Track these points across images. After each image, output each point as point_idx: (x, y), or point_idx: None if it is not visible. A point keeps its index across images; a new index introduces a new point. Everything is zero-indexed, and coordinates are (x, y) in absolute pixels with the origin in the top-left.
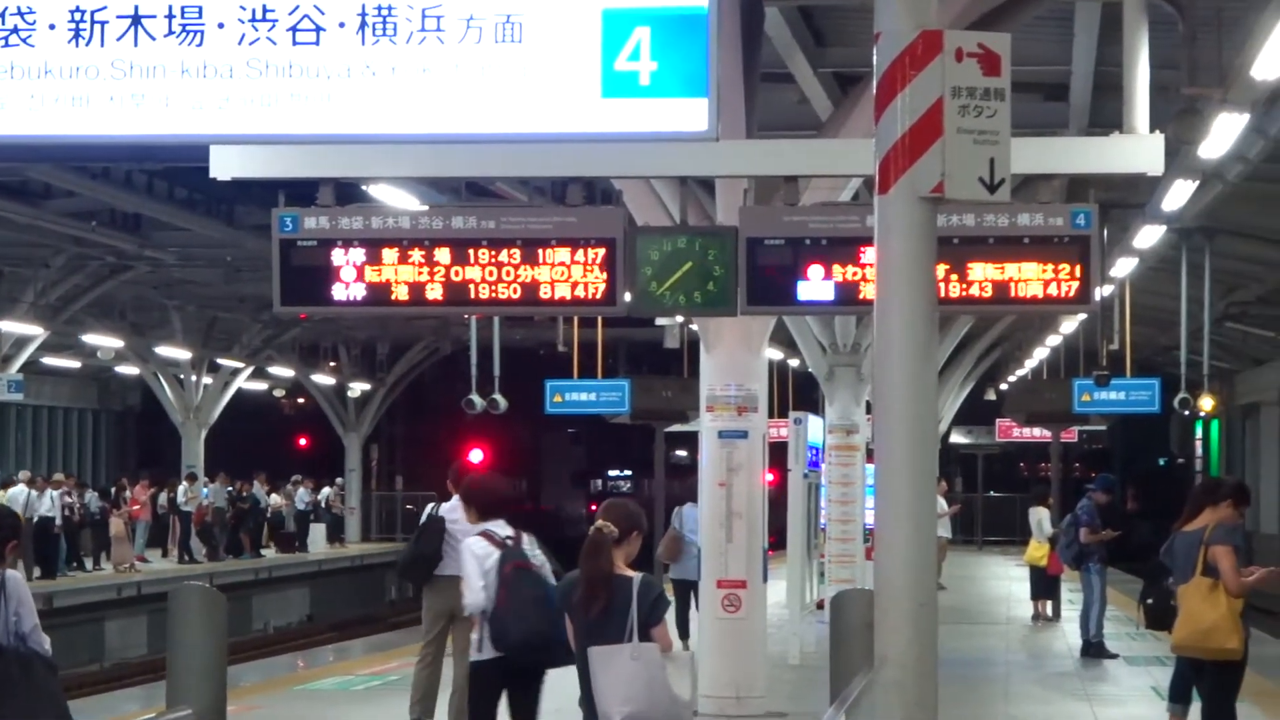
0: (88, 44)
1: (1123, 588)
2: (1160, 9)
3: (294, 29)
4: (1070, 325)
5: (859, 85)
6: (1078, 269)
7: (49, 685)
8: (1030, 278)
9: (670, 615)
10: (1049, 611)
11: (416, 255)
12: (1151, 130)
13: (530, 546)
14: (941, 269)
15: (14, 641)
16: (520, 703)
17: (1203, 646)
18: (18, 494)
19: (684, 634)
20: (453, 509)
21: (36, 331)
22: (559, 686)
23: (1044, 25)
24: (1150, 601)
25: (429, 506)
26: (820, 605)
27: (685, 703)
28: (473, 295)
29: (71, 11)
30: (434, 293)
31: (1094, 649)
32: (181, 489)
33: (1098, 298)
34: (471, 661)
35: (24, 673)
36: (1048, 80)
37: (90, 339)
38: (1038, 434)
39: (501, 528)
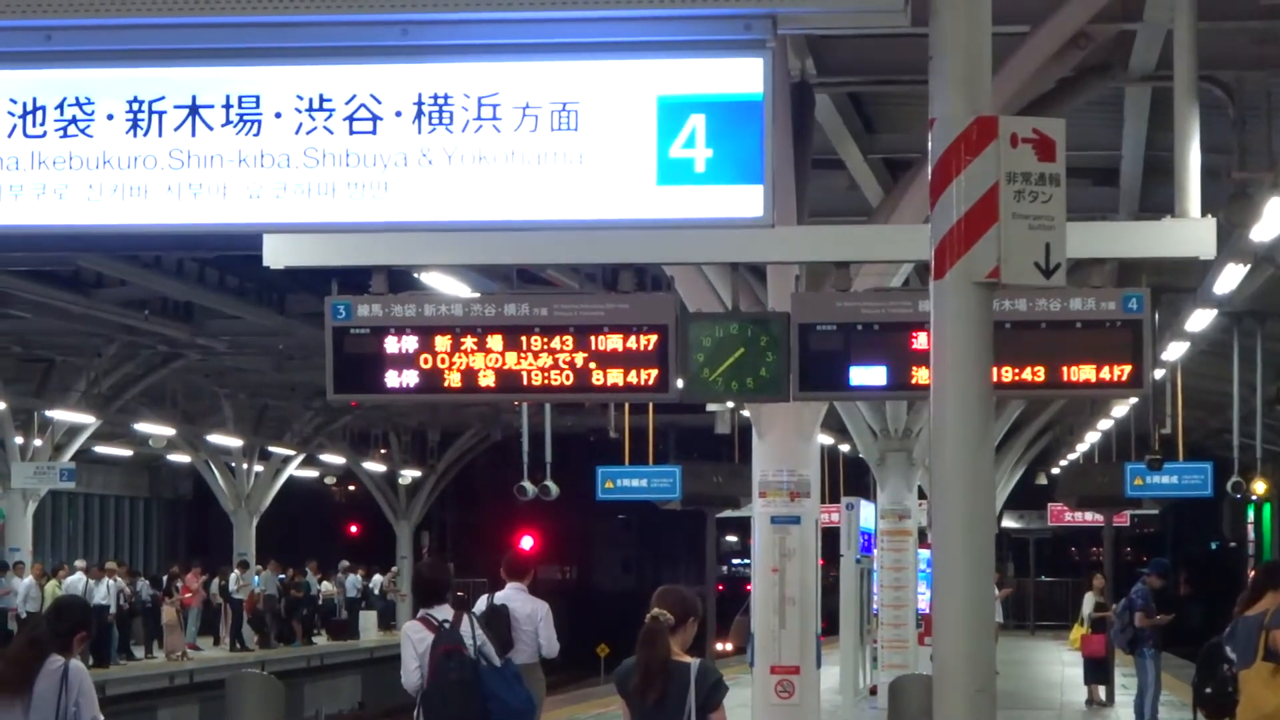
0: (146, 134)
1: (1177, 672)
2: (1210, 93)
3: (351, 118)
4: (1121, 409)
5: (910, 171)
6: (1130, 353)
7: None
8: (1083, 362)
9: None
10: (1102, 696)
11: (469, 342)
12: (1203, 214)
13: (469, 629)
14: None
15: None
16: None
17: None
18: (76, 582)
19: None
20: (511, 599)
21: (89, 420)
22: None
23: (1094, 110)
24: (1209, 691)
25: (483, 597)
26: (873, 691)
27: None
28: (525, 382)
29: (129, 102)
30: (487, 379)
31: None
32: (233, 577)
33: (1150, 382)
34: None
35: None
36: (1098, 165)
37: (142, 427)
38: (1089, 518)
39: (442, 611)
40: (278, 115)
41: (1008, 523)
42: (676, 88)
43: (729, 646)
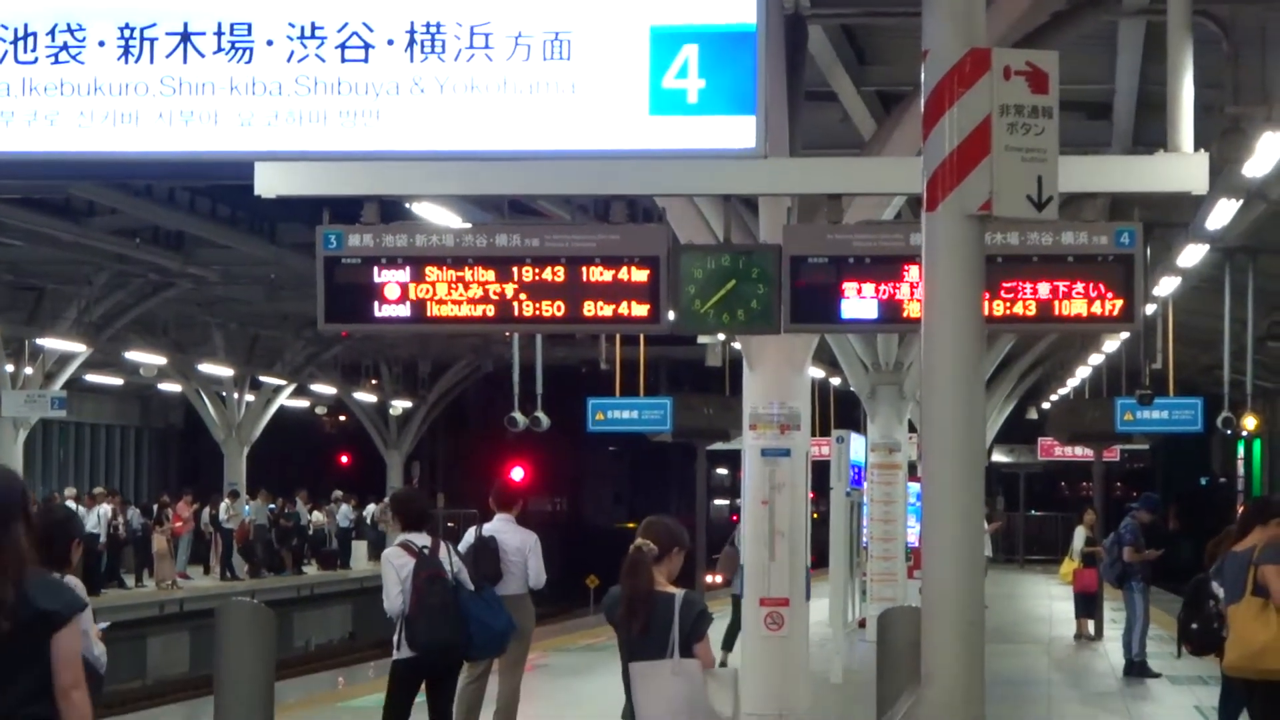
0: (137, 61)
1: (1165, 607)
2: (1204, 28)
3: (343, 46)
4: (1112, 344)
5: (902, 103)
6: (1122, 287)
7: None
8: (1074, 296)
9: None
10: (1091, 630)
11: (461, 273)
12: (1195, 149)
13: (446, 554)
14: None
15: None
16: (437, 694)
17: (1255, 667)
18: None
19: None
20: (500, 530)
21: (79, 349)
22: (606, 699)
23: (1087, 44)
24: (1195, 626)
25: (471, 529)
26: (862, 624)
27: (727, 719)
28: (516, 313)
29: (121, 29)
30: (478, 310)
31: (1137, 668)
32: (224, 506)
33: (1141, 317)
34: (393, 660)
35: None
36: (1091, 99)
37: (133, 356)
38: (1079, 453)
39: (420, 538)
40: (269, 43)
41: (998, 457)
42: (669, 18)
43: (718, 579)
